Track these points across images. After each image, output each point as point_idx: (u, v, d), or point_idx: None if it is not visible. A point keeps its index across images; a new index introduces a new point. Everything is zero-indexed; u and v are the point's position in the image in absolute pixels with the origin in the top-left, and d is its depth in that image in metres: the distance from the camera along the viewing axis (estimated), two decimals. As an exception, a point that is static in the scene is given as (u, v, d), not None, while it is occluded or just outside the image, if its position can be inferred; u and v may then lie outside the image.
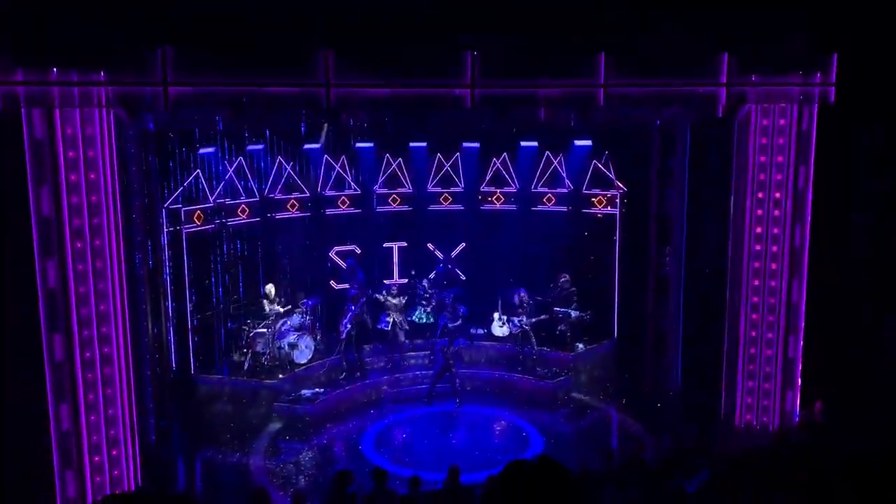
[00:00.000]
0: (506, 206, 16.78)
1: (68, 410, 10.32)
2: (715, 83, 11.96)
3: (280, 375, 14.18)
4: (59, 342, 10.20)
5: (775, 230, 12.54)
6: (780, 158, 12.37)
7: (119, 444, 10.83)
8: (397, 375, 14.99)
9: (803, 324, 12.68)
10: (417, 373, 15.00)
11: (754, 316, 12.85)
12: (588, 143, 15.72)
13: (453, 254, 16.96)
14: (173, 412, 13.05)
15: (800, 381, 12.78)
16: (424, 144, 16.10)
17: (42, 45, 9.84)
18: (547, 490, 2.37)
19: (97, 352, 10.50)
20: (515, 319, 15.23)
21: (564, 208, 16.44)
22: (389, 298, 15.40)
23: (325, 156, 15.85)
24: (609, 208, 16.07)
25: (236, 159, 14.71)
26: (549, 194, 16.53)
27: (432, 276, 16.24)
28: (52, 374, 10.23)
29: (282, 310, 14.75)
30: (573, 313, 15.51)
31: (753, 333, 12.88)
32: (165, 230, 13.51)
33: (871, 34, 12.21)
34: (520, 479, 2.37)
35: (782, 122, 12.30)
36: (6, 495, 9.36)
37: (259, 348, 14.37)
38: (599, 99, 11.62)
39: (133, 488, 10.98)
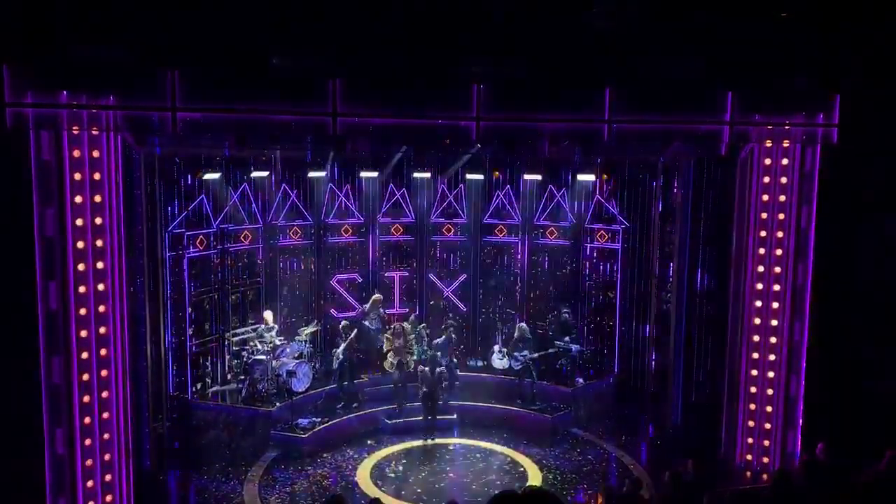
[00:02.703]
0: (508, 239, 16.83)
1: (63, 434, 10.23)
2: (719, 121, 12.04)
3: (277, 403, 14.09)
4: (58, 364, 10.14)
5: (777, 269, 12.54)
6: (782, 198, 12.41)
7: (113, 468, 10.72)
8: (395, 406, 14.88)
9: (805, 363, 12.61)
10: (416, 404, 14.87)
11: (755, 355, 12.79)
12: (591, 177, 15.80)
13: (454, 286, 16.97)
14: (169, 438, 12.93)
15: (801, 420, 12.67)
16: (428, 174, 16.19)
17: (52, 68, 9.94)
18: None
19: (95, 375, 10.43)
20: (518, 355, 15.13)
21: (566, 242, 16.48)
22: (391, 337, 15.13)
23: (330, 184, 15.95)
24: (611, 243, 16.11)
25: (241, 185, 14.79)
26: (552, 227, 16.59)
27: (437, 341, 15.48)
28: (48, 396, 10.16)
29: (279, 338, 14.70)
30: (574, 347, 15.46)
31: (754, 372, 12.81)
32: (167, 254, 13.53)
33: (874, 75, 12.34)
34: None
35: (785, 161, 12.37)
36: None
37: (257, 375, 14.29)
38: (604, 134, 11.70)
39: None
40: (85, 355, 10.33)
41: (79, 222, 10.17)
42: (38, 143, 9.91)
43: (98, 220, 10.34)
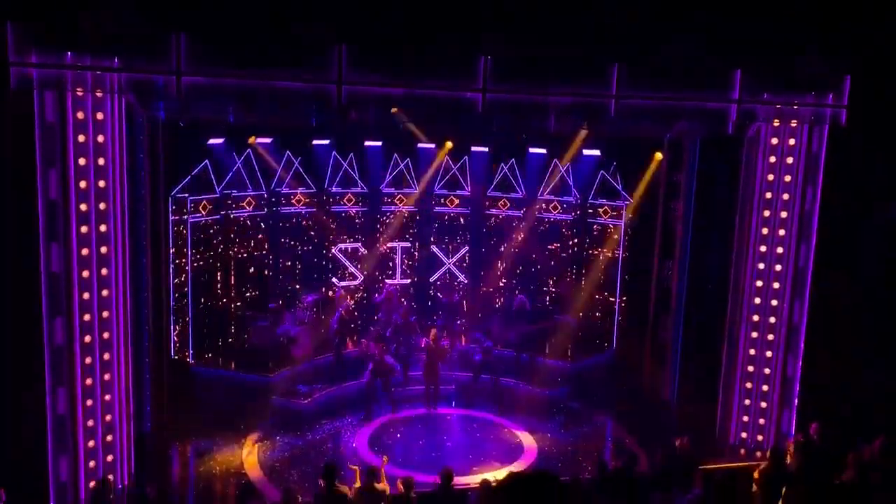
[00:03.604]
0: (511, 212, 16.82)
1: (65, 394, 10.33)
2: (726, 99, 11.94)
3: (277, 369, 14.20)
4: (60, 326, 10.21)
5: (780, 249, 12.53)
6: (787, 178, 12.36)
7: (114, 429, 10.84)
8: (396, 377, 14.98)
9: (803, 344, 12.66)
10: (413, 373, 14.98)
11: (754, 334, 12.83)
12: (597, 152, 15.73)
13: (456, 258, 17.00)
14: (169, 401, 13.05)
15: (797, 401, 12.75)
16: (433, 146, 16.14)
17: (57, 29, 9.86)
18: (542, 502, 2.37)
19: (97, 337, 10.51)
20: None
21: (569, 216, 16.47)
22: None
23: (334, 152, 15.92)
24: (614, 219, 16.10)
25: (245, 152, 14.76)
26: (555, 202, 16.57)
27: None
28: (50, 357, 10.24)
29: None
30: (573, 322, 15.53)
31: (752, 352, 12.87)
32: (171, 218, 13.55)
33: (885, 58, 12.20)
34: (517, 490, 2.37)
35: (792, 141, 12.29)
36: (1, 477, 9.37)
37: (258, 341, 14.38)
38: (611, 109, 11.61)
39: (126, 474, 11.00)
40: (87, 317, 10.39)
41: (82, 185, 10.17)
42: (41, 105, 9.86)
43: (101, 183, 10.33)
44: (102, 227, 10.40)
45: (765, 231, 12.57)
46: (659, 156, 15.06)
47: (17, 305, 10.38)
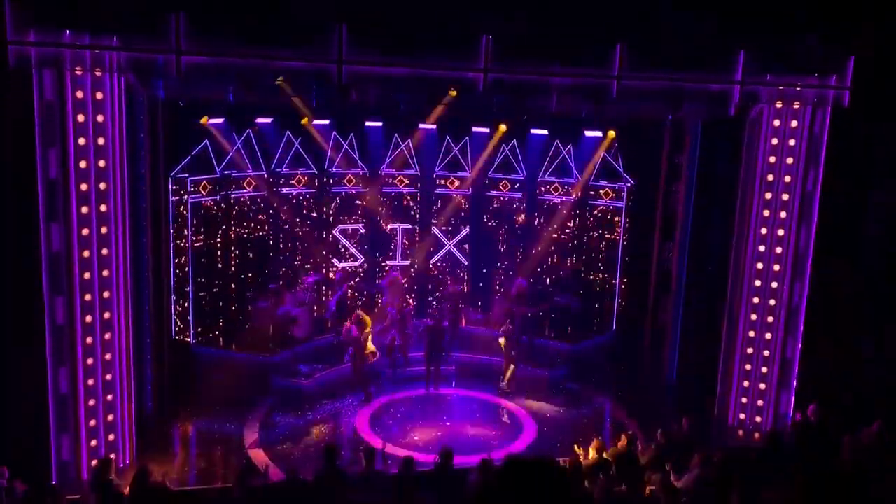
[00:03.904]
0: (512, 193, 16.79)
1: (67, 374, 10.37)
2: (729, 81, 11.88)
3: (279, 349, 14.24)
4: (61, 306, 10.23)
5: (780, 232, 12.52)
6: (789, 160, 12.33)
7: (115, 409, 10.89)
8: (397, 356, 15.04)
9: (802, 326, 12.68)
10: (414, 354, 15.03)
11: (753, 316, 12.86)
12: (598, 134, 15.68)
13: (456, 239, 16.98)
14: (170, 381, 13.10)
15: (795, 382, 12.80)
16: (434, 127, 16.07)
17: (56, 7, 9.78)
18: (543, 488, 2.38)
19: (98, 317, 10.53)
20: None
21: (570, 198, 16.44)
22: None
23: (334, 133, 15.85)
24: (615, 201, 16.08)
25: (245, 132, 14.70)
26: (556, 183, 16.54)
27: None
28: (52, 337, 10.27)
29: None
30: (574, 303, 15.55)
31: (752, 334, 12.90)
32: (171, 199, 13.53)
33: (890, 39, 12.12)
34: (517, 475, 2.38)
35: (794, 123, 12.24)
36: (3, 456, 9.42)
37: (259, 321, 14.41)
38: (613, 90, 11.55)
39: (128, 453, 11.07)
40: (88, 297, 10.41)
41: (82, 164, 10.14)
42: (40, 84, 9.82)
43: (101, 163, 10.31)
44: (103, 207, 10.38)
45: (766, 213, 12.55)
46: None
47: (18, 286, 10.40)
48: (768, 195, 12.51)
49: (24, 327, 10.38)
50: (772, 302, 12.70)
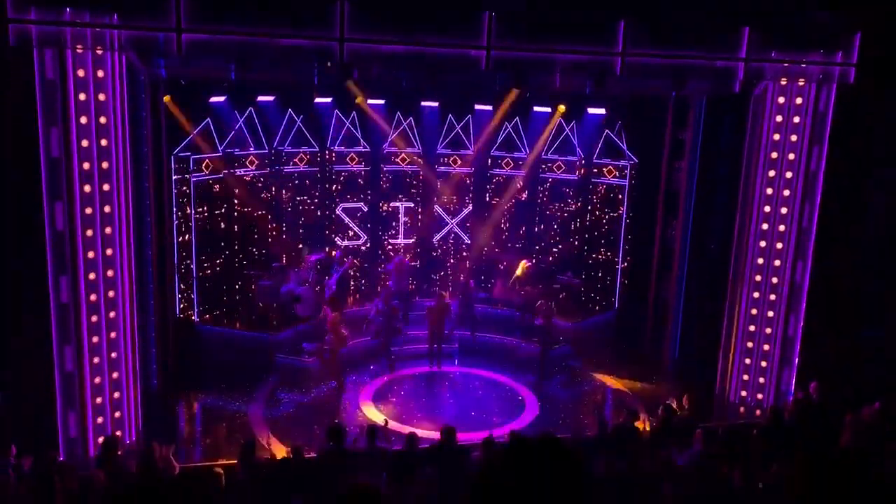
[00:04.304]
0: (514, 171, 16.74)
1: (72, 352, 10.44)
2: (734, 58, 11.78)
3: (282, 327, 14.30)
4: (65, 284, 10.27)
5: (783, 210, 12.49)
6: (794, 137, 12.26)
7: (121, 387, 10.97)
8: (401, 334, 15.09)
9: (805, 304, 12.70)
10: (415, 332, 15.09)
11: (756, 294, 12.87)
12: (602, 111, 15.60)
13: (458, 218, 16.97)
14: (175, 359, 13.19)
15: (797, 360, 12.84)
16: (437, 104, 15.99)
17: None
18: (550, 470, 2.40)
19: (102, 295, 10.58)
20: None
21: (573, 176, 16.40)
22: None
23: (336, 111, 15.79)
24: (619, 179, 16.04)
25: (247, 110, 14.66)
26: (559, 161, 16.48)
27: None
28: (57, 315, 10.33)
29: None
30: (575, 281, 15.58)
31: (754, 311, 12.91)
32: (174, 178, 13.52)
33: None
34: (522, 456, 2.40)
35: (799, 100, 12.16)
36: (11, 434, 9.53)
37: (262, 300, 14.47)
38: (616, 68, 11.47)
39: (134, 430, 11.17)
40: (92, 276, 10.45)
41: (84, 143, 10.13)
42: (41, 62, 9.78)
43: (103, 142, 10.29)
44: (105, 186, 10.39)
45: (769, 191, 12.52)
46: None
47: (23, 265, 10.44)
48: (772, 173, 12.46)
49: (30, 306, 10.44)
50: (774, 280, 12.70)
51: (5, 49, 9.52)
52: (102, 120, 10.23)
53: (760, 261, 12.72)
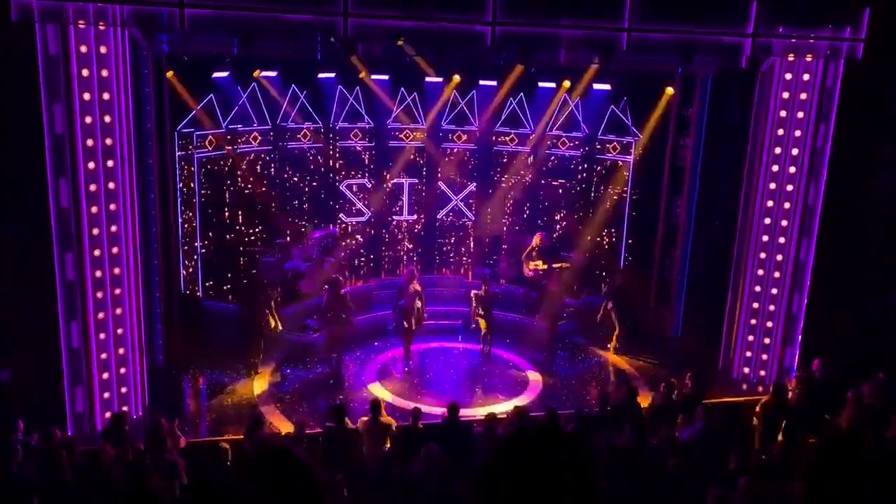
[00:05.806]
0: (519, 148, 16.64)
1: (78, 328, 10.50)
2: (741, 33, 11.67)
3: (287, 303, 14.34)
4: (71, 261, 10.31)
5: (789, 187, 12.44)
6: (800, 114, 12.18)
7: (127, 362, 11.05)
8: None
9: (809, 282, 12.69)
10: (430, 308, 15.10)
11: (760, 271, 12.87)
12: (607, 87, 15.47)
13: (462, 195, 16.90)
14: (180, 335, 13.25)
15: (800, 337, 12.87)
16: (441, 80, 15.86)
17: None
18: (553, 461, 2.41)
19: (108, 272, 10.62)
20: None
21: (578, 152, 16.32)
22: None
23: (339, 86, 15.68)
24: (624, 155, 15.95)
25: (250, 86, 14.56)
26: (564, 138, 16.39)
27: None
28: (63, 292, 10.37)
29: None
30: (579, 258, 15.58)
31: (758, 288, 12.92)
32: (177, 154, 13.48)
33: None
34: (525, 448, 2.41)
35: (806, 76, 12.06)
36: (19, 409, 9.61)
37: (267, 276, 14.48)
38: (622, 43, 11.37)
39: (140, 405, 11.27)
40: (97, 253, 10.48)
41: (87, 120, 10.10)
42: (44, 38, 9.73)
43: (107, 118, 10.27)
44: (109, 163, 10.38)
45: (775, 168, 12.46)
46: (670, 91, 14.73)
47: (28, 241, 10.47)
48: (778, 150, 12.40)
49: (36, 283, 10.49)
50: (779, 257, 12.69)
51: (7, 24, 9.46)
52: (106, 96, 10.20)
53: (765, 238, 12.70)
